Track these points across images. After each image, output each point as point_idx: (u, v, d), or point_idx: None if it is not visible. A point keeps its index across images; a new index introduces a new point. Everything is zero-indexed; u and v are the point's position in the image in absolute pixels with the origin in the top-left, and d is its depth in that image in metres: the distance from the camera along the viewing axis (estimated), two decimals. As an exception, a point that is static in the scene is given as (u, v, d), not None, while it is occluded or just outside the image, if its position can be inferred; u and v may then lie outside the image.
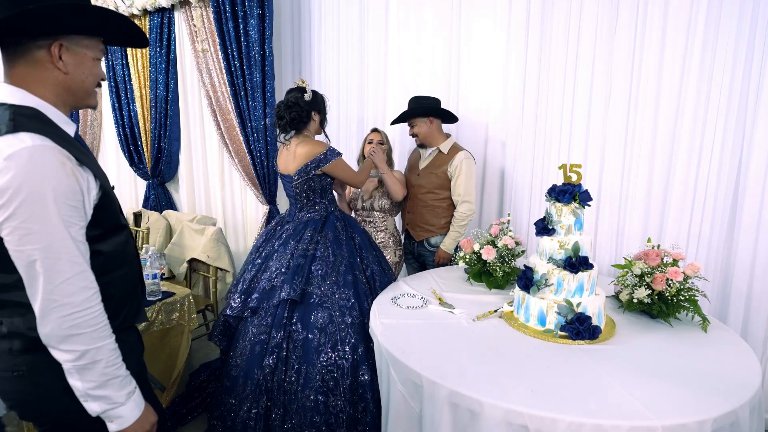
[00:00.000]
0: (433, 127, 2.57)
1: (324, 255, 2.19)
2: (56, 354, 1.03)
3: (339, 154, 2.26)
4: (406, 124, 2.66)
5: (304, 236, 2.24)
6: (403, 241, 2.82)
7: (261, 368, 2.04)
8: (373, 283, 2.23)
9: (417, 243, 2.71)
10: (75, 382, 1.05)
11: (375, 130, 2.73)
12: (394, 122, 2.70)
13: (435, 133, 2.58)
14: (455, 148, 2.57)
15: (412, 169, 2.72)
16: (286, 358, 2.04)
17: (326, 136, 2.40)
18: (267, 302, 2.11)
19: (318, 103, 2.29)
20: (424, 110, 2.53)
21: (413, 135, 2.63)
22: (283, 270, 2.14)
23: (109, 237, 1.14)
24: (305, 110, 2.24)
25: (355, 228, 2.40)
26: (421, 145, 2.66)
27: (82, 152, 1.07)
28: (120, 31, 1.21)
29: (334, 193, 2.53)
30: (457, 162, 2.50)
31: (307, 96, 2.23)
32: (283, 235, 2.29)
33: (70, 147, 1.04)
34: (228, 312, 2.16)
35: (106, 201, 1.10)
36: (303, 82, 2.28)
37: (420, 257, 2.75)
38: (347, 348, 2.02)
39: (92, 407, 1.07)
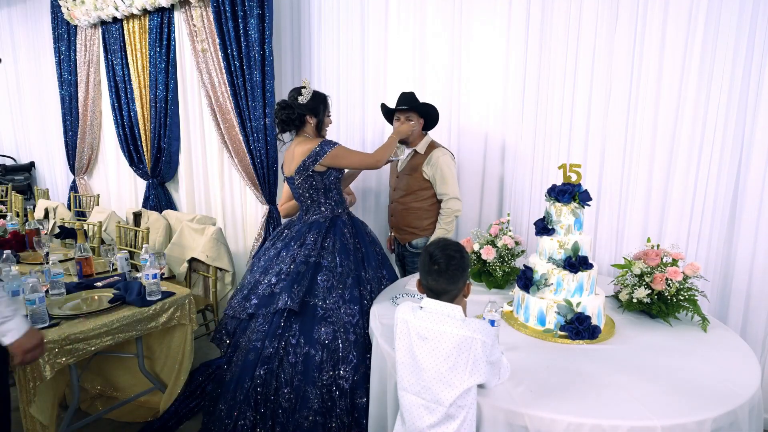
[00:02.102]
0: (419, 127, 2.52)
1: (331, 265, 2.10)
2: None
3: (335, 144, 2.17)
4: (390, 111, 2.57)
5: (307, 240, 2.16)
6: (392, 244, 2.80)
7: (252, 379, 1.97)
8: (372, 301, 2.13)
9: (401, 246, 2.67)
10: None
11: None
12: (397, 106, 2.51)
13: (417, 133, 2.53)
14: (431, 146, 2.52)
15: (392, 172, 2.71)
16: (278, 369, 1.97)
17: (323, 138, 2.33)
18: (266, 309, 2.06)
19: (314, 106, 2.20)
20: (427, 108, 2.47)
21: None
22: (282, 276, 2.08)
23: None
24: (297, 113, 2.17)
25: (362, 237, 2.29)
26: (402, 141, 2.52)
27: None
28: None
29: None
30: (434, 160, 2.45)
31: (302, 99, 2.16)
32: (287, 238, 2.25)
33: None
34: (227, 312, 2.14)
35: None
36: (304, 83, 2.21)
37: (403, 258, 2.70)
38: (348, 368, 1.94)
39: None
